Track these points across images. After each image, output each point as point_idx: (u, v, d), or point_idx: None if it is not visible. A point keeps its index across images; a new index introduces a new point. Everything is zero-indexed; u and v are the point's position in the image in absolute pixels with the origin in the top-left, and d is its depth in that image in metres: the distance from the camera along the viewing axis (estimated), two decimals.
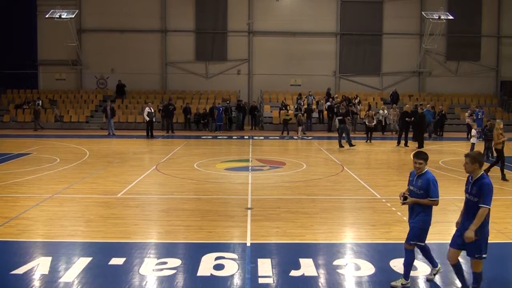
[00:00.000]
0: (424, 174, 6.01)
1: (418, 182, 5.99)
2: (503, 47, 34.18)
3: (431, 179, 5.93)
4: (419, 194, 5.95)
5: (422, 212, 5.97)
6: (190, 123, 29.77)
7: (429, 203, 5.93)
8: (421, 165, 6.00)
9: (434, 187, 5.89)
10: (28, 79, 33.78)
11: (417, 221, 5.99)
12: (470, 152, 6.00)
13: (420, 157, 6.04)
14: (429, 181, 5.90)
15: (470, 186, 5.60)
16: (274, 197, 11.20)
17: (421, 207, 5.96)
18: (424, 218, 5.97)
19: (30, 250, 7.47)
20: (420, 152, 6.14)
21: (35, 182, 12.79)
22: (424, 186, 5.91)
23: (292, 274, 6.45)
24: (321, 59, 33.65)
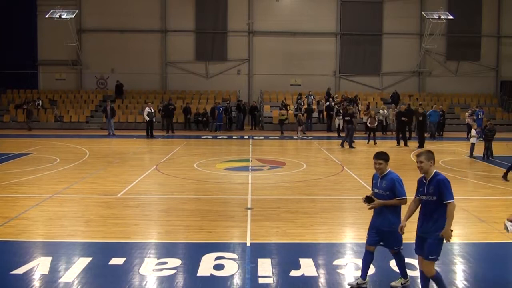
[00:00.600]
0: (387, 174, 5.84)
1: (382, 184, 5.82)
2: (503, 47, 34.18)
3: (396, 178, 5.78)
4: (385, 196, 5.77)
5: (391, 214, 5.79)
6: (190, 123, 29.78)
7: (397, 203, 5.75)
8: (381, 166, 5.83)
9: (399, 185, 5.73)
10: (28, 79, 33.79)
11: (387, 225, 5.80)
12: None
13: (380, 158, 5.86)
14: (394, 181, 5.74)
15: (426, 186, 5.38)
16: (274, 197, 11.20)
17: (390, 209, 5.78)
18: (393, 220, 5.78)
19: (30, 250, 7.46)
20: (379, 152, 5.94)
21: (35, 182, 12.79)
22: (389, 187, 5.74)
23: (292, 274, 6.44)
24: (321, 59, 33.65)
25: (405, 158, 18.08)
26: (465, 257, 7.22)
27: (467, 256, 7.24)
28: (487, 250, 7.70)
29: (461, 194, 11.65)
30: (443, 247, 5.46)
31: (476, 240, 8.16)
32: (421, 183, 5.48)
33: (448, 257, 7.15)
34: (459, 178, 13.69)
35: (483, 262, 7.07)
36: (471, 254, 7.38)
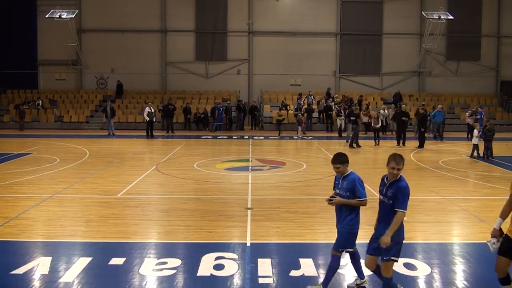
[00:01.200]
0: (348, 175, 5.77)
1: (343, 184, 5.75)
2: (503, 47, 34.19)
3: (356, 178, 5.70)
4: (346, 196, 5.70)
5: (350, 215, 5.73)
6: (190, 123, 29.78)
7: (357, 204, 5.68)
8: (339, 169, 5.78)
9: (360, 186, 5.64)
10: (28, 79, 33.77)
11: (345, 225, 5.75)
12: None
13: (336, 162, 5.79)
14: (354, 181, 5.66)
15: (385, 188, 5.35)
16: (274, 197, 11.20)
17: (349, 209, 5.72)
18: (352, 222, 5.72)
19: (30, 250, 7.46)
20: (335, 156, 5.86)
21: (35, 182, 12.79)
22: (350, 187, 5.66)
23: (292, 274, 6.45)
24: (321, 59, 33.65)
25: (405, 158, 18.04)
26: (465, 257, 7.22)
27: (467, 256, 7.24)
28: (487, 250, 7.68)
29: (461, 194, 11.66)
30: (443, 247, 5.46)
31: (476, 240, 8.15)
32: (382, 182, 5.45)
33: (448, 257, 7.15)
34: (459, 178, 13.69)
35: (483, 262, 7.07)
36: (471, 254, 7.37)
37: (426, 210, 10.14)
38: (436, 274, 6.52)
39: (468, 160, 17.51)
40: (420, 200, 10.93)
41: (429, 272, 6.55)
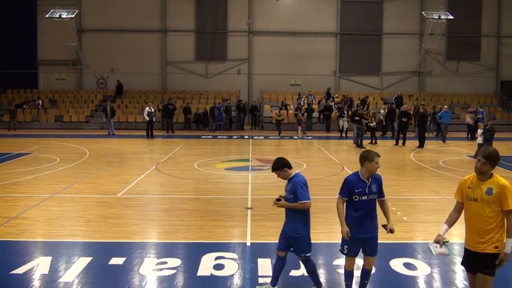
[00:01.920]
0: (292, 178, 5.70)
1: (288, 186, 5.70)
2: (503, 47, 34.19)
3: (299, 181, 5.60)
4: (290, 199, 5.63)
5: (296, 220, 5.64)
6: (190, 123, 29.78)
7: (300, 207, 5.56)
8: (280, 175, 5.77)
9: (302, 189, 5.54)
10: (28, 79, 33.76)
11: (290, 230, 5.66)
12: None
13: (274, 169, 5.79)
14: (297, 184, 5.57)
15: (368, 185, 5.33)
16: (274, 197, 11.12)
17: (294, 213, 5.64)
18: (297, 226, 5.62)
19: (30, 250, 7.46)
20: (273, 163, 5.84)
21: (35, 182, 12.79)
22: (293, 190, 5.59)
23: (292, 274, 6.44)
24: (321, 59, 33.65)
25: (404, 158, 18.08)
26: None
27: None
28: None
29: None
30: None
31: None
32: (357, 184, 5.36)
33: (448, 257, 7.13)
34: (459, 178, 13.65)
35: None
36: None
37: (426, 210, 10.14)
38: (436, 274, 6.52)
39: (468, 160, 17.51)
40: (420, 200, 10.93)
41: (429, 272, 6.55)
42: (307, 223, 5.71)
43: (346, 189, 5.37)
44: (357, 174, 5.42)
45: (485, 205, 4.56)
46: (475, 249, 4.65)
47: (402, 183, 12.87)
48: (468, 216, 4.74)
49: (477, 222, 4.62)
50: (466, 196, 4.74)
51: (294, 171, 5.76)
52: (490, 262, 4.60)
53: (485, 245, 4.58)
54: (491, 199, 4.54)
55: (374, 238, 5.48)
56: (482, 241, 4.59)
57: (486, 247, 4.57)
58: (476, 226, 4.62)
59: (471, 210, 4.67)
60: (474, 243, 4.65)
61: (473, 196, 4.65)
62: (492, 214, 4.55)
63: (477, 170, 4.65)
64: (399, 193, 11.55)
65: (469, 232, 4.72)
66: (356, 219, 5.37)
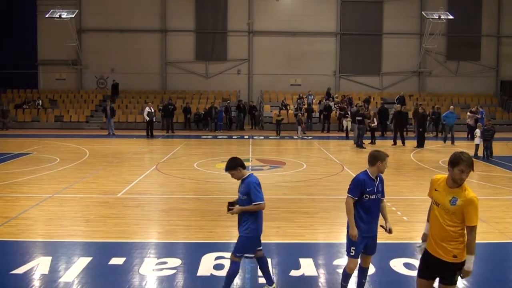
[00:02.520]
0: (245, 178, 5.63)
1: (241, 187, 5.63)
2: (503, 47, 34.20)
3: (252, 182, 5.54)
4: (244, 201, 5.56)
5: (248, 220, 5.54)
6: (190, 123, 29.79)
7: (254, 209, 5.49)
8: (233, 175, 5.69)
9: (255, 190, 5.48)
10: (28, 79, 33.77)
11: (243, 230, 5.58)
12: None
13: (227, 169, 5.71)
14: (250, 184, 5.51)
15: (377, 184, 5.35)
16: (274, 197, 11.19)
17: (248, 214, 5.56)
18: (251, 226, 5.53)
19: (30, 250, 7.46)
20: (227, 163, 5.78)
21: (35, 182, 12.78)
22: (246, 191, 5.52)
23: (292, 274, 6.45)
24: (321, 59, 33.66)
25: (404, 158, 18.08)
26: None
27: None
28: (487, 250, 7.69)
29: None
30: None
31: (476, 240, 8.12)
32: (368, 182, 5.33)
33: None
34: None
35: (483, 262, 7.06)
36: None
37: (426, 210, 10.07)
38: None
39: None
40: (420, 200, 10.93)
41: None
42: (259, 224, 5.64)
43: (358, 188, 5.32)
44: (366, 173, 5.40)
45: (445, 213, 4.35)
46: (435, 253, 4.45)
47: (402, 183, 12.87)
48: (432, 219, 4.56)
49: (435, 227, 4.44)
50: (432, 197, 4.59)
51: (248, 172, 5.72)
52: (450, 272, 4.42)
53: (441, 251, 4.39)
54: (452, 209, 4.31)
55: (375, 237, 5.50)
56: (439, 246, 4.40)
57: (443, 254, 4.39)
58: (436, 231, 4.44)
59: (434, 214, 4.50)
60: (434, 248, 4.45)
61: (437, 200, 4.47)
62: (451, 223, 4.32)
63: (461, 181, 4.34)
64: (399, 193, 11.55)
65: (430, 235, 4.54)
66: (364, 218, 5.36)
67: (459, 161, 4.33)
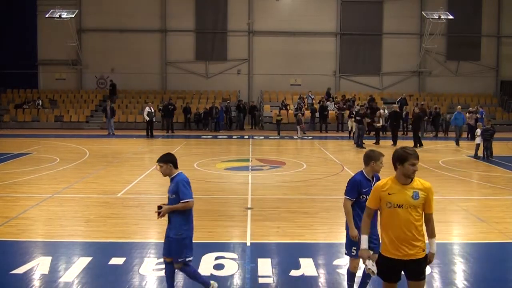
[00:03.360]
0: (174, 177, 5.55)
1: (171, 186, 5.54)
2: (503, 47, 34.19)
3: (181, 179, 5.49)
4: (173, 200, 5.48)
5: (179, 221, 5.46)
6: (190, 123, 29.79)
7: (182, 207, 5.40)
8: (162, 168, 5.56)
9: (184, 187, 5.42)
10: (28, 79, 33.76)
11: (174, 232, 5.47)
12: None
13: (160, 160, 5.59)
14: (179, 182, 5.45)
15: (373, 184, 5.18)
16: (274, 197, 11.19)
17: (178, 214, 5.46)
18: (183, 227, 5.46)
19: (30, 250, 7.46)
20: (162, 155, 5.68)
21: (35, 182, 12.78)
22: (175, 189, 5.44)
23: (292, 274, 6.44)
24: (321, 59, 33.65)
25: None
26: (465, 257, 7.22)
27: (467, 256, 7.24)
28: (487, 250, 7.70)
29: (461, 194, 11.65)
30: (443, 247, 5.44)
31: (476, 240, 8.16)
32: (364, 183, 5.32)
33: (448, 257, 7.15)
34: (459, 178, 13.69)
35: (483, 262, 7.07)
36: (471, 254, 7.38)
37: None
38: (436, 274, 6.51)
39: (468, 160, 17.51)
40: None
41: (429, 272, 6.54)
42: (190, 224, 5.56)
43: (354, 189, 5.34)
44: (362, 173, 5.43)
45: (412, 210, 4.28)
46: (405, 257, 4.32)
47: None
48: (392, 225, 4.34)
49: (405, 229, 4.28)
50: (387, 203, 4.34)
51: (178, 171, 5.63)
52: (423, 266, 4.43)
53: (414, 250, 4.32)
54: (417, 203, 4.30)
55: (376, 237, 5.49)
56: (411, 247, 4.31)
57: (416, 253, 4.33)
58: (405, 234, 4.28)
59: (398, 218, 4.30)
60: (403, 252, 4.32)
61: (397, 202, 4.30)
62: (418, 218, 4.32)
63: (414, 174, 4.34)
64: None
65: (394, 241, 4.32)
66: None
67: (407, 156, 4.31)
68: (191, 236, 5.58)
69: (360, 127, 21.28)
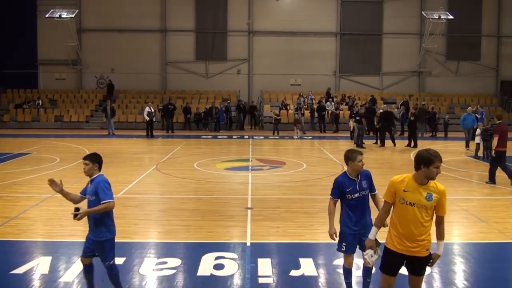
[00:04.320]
0: (95, 177, 5.44)
1: (90, 187, 5.42)
2: (503, 47, 34.20)
3: (102, 180, 5.37)
4: (92, 201, 5.33)
5: (98, 223, 5.32)
6: (190, 123, 29.80)
7: (103, 208, 5.26)
8: (87, 166, 5.41)
9: (105, 188, 5.31)
10: (28, 79, 33.78)
11: (97, 233, 5.33)
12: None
13: (87, 157, 5.46)
14: (99, 183, 5.32)
15: (358, 182, 5.42)
16: (274, 197, 11.19)
17: (99, 217, 5.33)
18: (100, 229, 5.34)
19: (30, 250, 7.46)
20: (90, 154, 5.55)
21: (35, 182, 12.78)
22: (95, 190, 5.31)
23: (292, 274, 6.44)
24: (321, 59, 33.66)
25: (404, 158, 18.09)
26: (465, 257, 7.22)
27: (467, 256, 7.24)
28: (487, 250, 7.70)
29: (461, 194, 11.65)
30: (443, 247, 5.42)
31: (476, 240, 8.16)
32: (346, 183, 5.46)
33: (448, 257, 7.15)
34: (459, 178, 13.69)
35: (483, 262, 7.07)
36: (471, 254, 7.38)
37: None
38: (436, 274, 6.51)
39: (468, 160, 17.51)
40: None
41: (429, 272, 6.54)
42: (112, 226, 5.45)
43: (336, 189, 5.55)
44: (345, 173, 5.58)
45: (423, 210, 4.45)
46: (408, 253, 4.54)
47: None
48: (401, 220, 4.53)
49: (412, 227, 4.47)
50: (400, 199, 4.52)
51: (99, 173, 5.52)
52: (425, 264, 4.61)
53: (418, 248, 4.51)
54: (430, 204, 4.45)
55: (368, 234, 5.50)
56: (416, 245, 4.50)
57: (420, 250, 4.52)
58: (411, 231, 4.48)
59: (408, 215, 4.48)
60: (407, 247, 4.52)
61: (410, 200, 4.46)
62: (427, 219, 4.49)
63: (436, 177, 4.46)
64: None
65: (400, 236, 4.54)
66: (352, 216, 5.48)
67: (433, 159, 4.41)
68: (113, 238, 5.45)
69: (360, 127, 21.31)
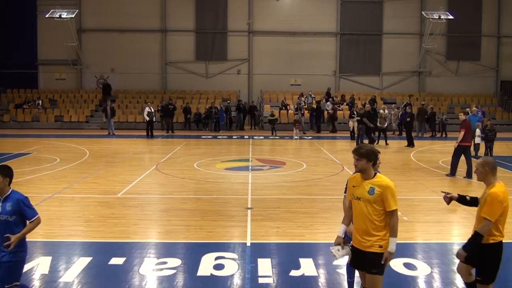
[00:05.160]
0: (11, 194, 4.95)
1: (7, 207, 4.84)
2: (503, 47, 34.19)
3: (22, 198, 4.92)
4: (11, 221, 4.82)
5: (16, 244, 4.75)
6: (190, 123, 29.79)
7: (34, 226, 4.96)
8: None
9: (28, 205, 4.91)
10: (28, 79, 33.75)
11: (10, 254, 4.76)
12: None
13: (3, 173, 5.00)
14: (20, 201, 4.87)
15: None
16: (274, 197, 11.19)
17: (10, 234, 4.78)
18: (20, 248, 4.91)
19: (30, 250, 7.43)
20: (2, 166, 5.19)
21: (35, 182, 12.78)
22: (16, 209, 4.83)
23: (292, 274, 6.44)
24: (321, 59, 33.65)
25: (404, 158, 18.09)
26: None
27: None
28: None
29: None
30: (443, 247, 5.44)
31: None
32: None
33: (448, 257, 7.15)
34: (460, 178, 13.69)
35: None
36: None
37: (426, 210, 10.15)
38: (436, 274, 6.52)
39: None
40: (420, 200, 10.94)
41: (429, 272, 6.55)
42: (25, 245, 5.03)
43: None
44: None
45: (368, 204, 4.53)
46: (360, 247, 4.63)
47: (402, 183, 12.86)
48: (354, 215, 4.71)
49: (361, 221, 4.59)
50: (352, 195, 4.72)
51: (11, 189, 5.00)
52: (377, 261, 4.56)
53: (369, 243, 4.56)
54: (372, 198, 4.51)
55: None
56: (367, 239, 4.56)
57: (371, 246, 4.56)
58: (361, 225, 4.60)
59: (356, 209, 4.65)
60: (360, 242, 4.63)
61: (357, 194, 4.63)
62: (375, 214, 4.52)
63: (355, 168, 4.70)
64: (399, 193, 11.40)
65: (355, 230, 4.70)
66: None
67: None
68: (24, 259, 5.07)
69: (360, 127, 21.32)
